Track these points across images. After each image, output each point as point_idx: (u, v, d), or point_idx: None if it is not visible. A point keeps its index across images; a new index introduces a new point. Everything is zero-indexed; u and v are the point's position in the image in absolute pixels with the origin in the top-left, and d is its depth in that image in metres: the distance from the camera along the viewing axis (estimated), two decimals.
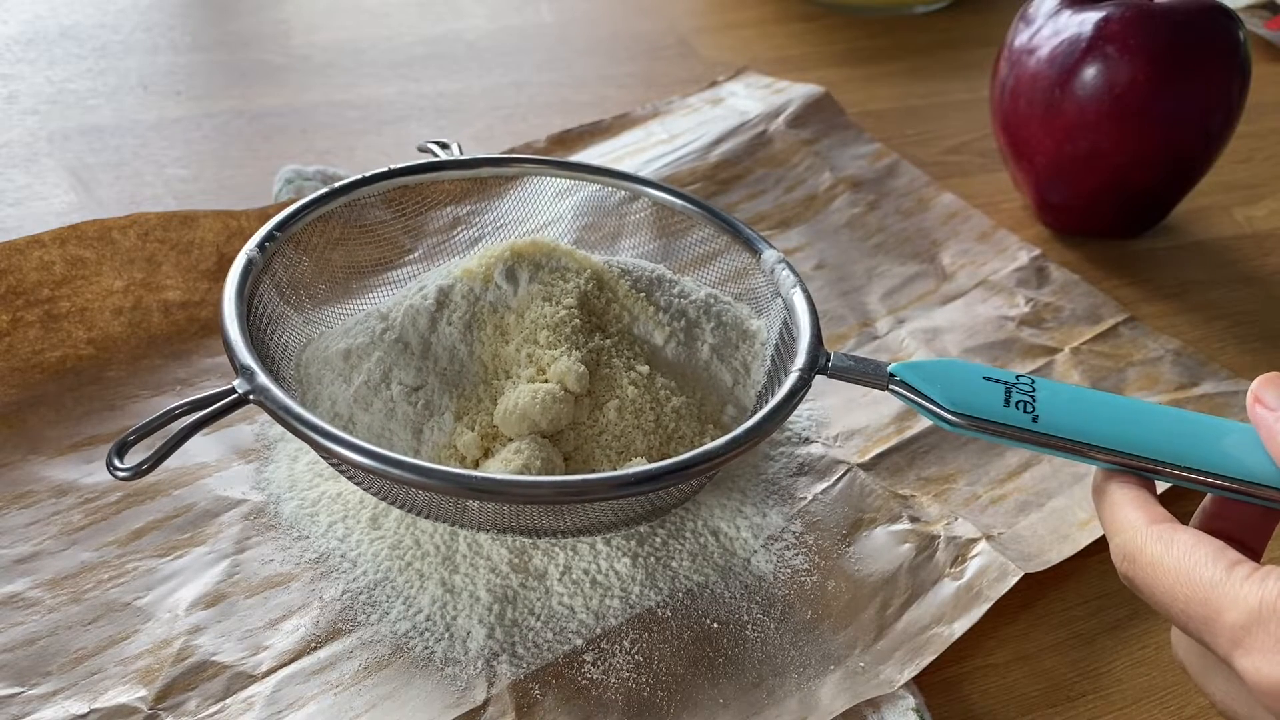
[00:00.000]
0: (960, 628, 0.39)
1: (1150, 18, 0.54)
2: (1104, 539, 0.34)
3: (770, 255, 0.45)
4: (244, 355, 0.37)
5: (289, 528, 0.42)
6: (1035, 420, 0.35)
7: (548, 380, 0.40)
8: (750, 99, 0.68)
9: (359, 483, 0.39)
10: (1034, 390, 0.36)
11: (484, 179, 0.49)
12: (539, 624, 0.39)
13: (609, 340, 0.43)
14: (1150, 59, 0.54)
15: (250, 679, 0.37)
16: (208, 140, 0.64)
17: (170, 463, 0.36)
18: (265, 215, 0.52)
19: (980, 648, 0.41)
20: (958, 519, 0.44)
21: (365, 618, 0.39)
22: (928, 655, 0.39)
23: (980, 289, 0.56)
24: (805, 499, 0.44)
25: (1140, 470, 0.34)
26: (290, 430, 0.35)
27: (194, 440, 0.35)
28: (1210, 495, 0.35)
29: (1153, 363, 0.52)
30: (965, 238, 0.60)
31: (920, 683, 0.39)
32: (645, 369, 0.42)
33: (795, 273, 0.44)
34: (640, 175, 0.50)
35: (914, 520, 0.44)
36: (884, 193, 0.62)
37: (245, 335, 0.38)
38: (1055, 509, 0.45)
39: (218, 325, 0.39)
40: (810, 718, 0.37)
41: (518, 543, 0.41)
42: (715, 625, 0.40)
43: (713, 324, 0.45)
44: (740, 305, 0.47)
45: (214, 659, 0.37)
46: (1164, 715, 0.39)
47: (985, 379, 0.36)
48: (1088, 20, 0.55)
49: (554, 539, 0.41)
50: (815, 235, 0.59)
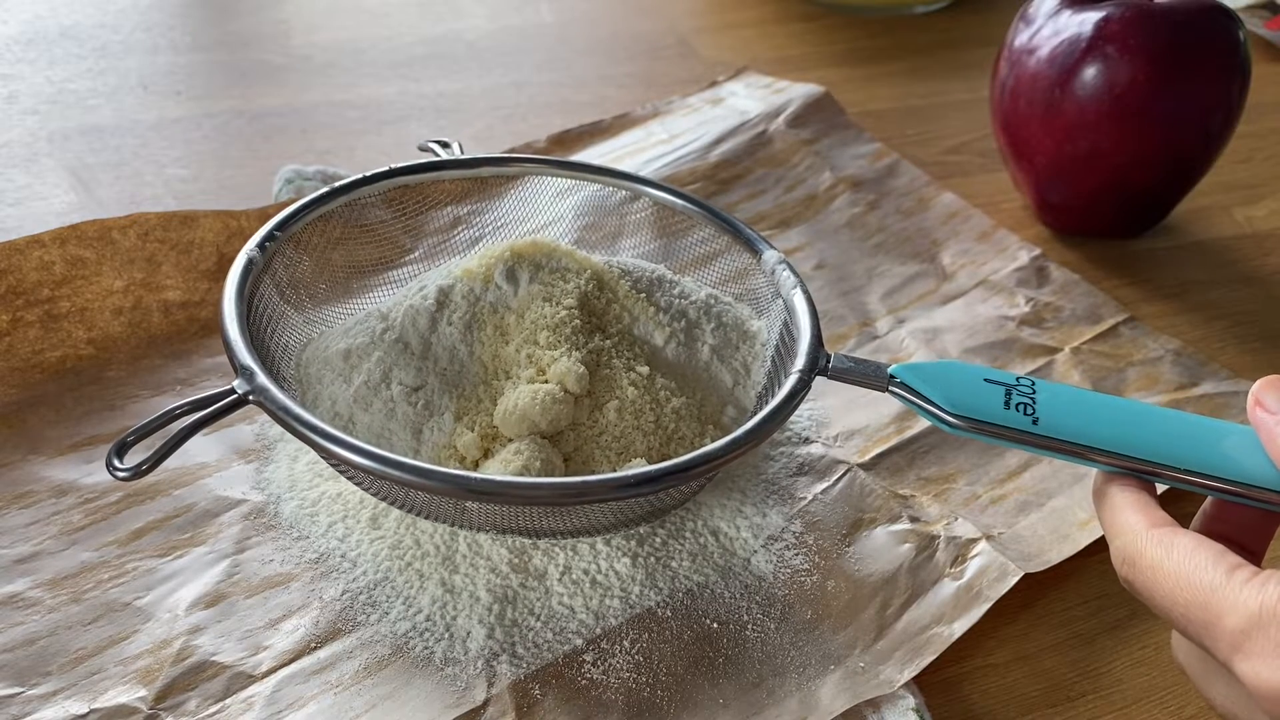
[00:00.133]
0: (960, 628, 0.39)
1: (1150, 18, 0.54)
2: (1104, 539, 0.34)
3: (771, 256, 0.45)
4: (244, 356, 0.37)
5: (289, 528, 0.42)
6: (1035, 422, 0.35)
7: (548, 381, 0.40)
8: (750, 99, 0.68)
9: (358, 483, 0.39)
10: (1034, 392, 0.36)
11: (484, 179, 0.49)
12: (539, 624, 0.39)
13: (609, 341, 0.43)
14: (1150, 59, 0.54)
15: (250, 679, 0.37)
16: (208, 140, 0.64)
17: (170, 463, 0.36)
18: (265, 215, 0.52)
19: (980, 648, 0.41)
20: (958, 519, 0.44)
21: (365, 618, 0.39)
22: (928, 655, 0.39)
23: (980, 289, 0.56)
24: (805, 499, 0.44)
25: (1140, 473, 0.34)
26: (289, 431, 0.35)
27: (194, 440, 0.35)
28: (1210, 498, 0.35)
29: (1153, 363, 0.52)
30: (965, 238, 0.60)
31: (920, 683, 0.38)
32: (645, 370, 0.42)
33: (796, 273, 0.44)
34: (641, 175, 0.50)
35: (914, 520, 0.44)
36: (884, 192, 0.62)
37: (245, 335, 0.38)
38: (1055, 509, 0.45)
39: (218, 325, 0.39)
40: (810, 718, 0.37)
41: (518, 543, 0.41)
42: (715, 625, 0.40)
43: (713, 325, 0.45)
44: (741, 306, 0.47)
45: (214, 659, 0.37)
46: (1164, 715, 0.39)
47: (985, 381, 0.36)
48: (1088, 20, 0.55)
49: (553, 539, 0.41)
50: (815, 235, 0.59)
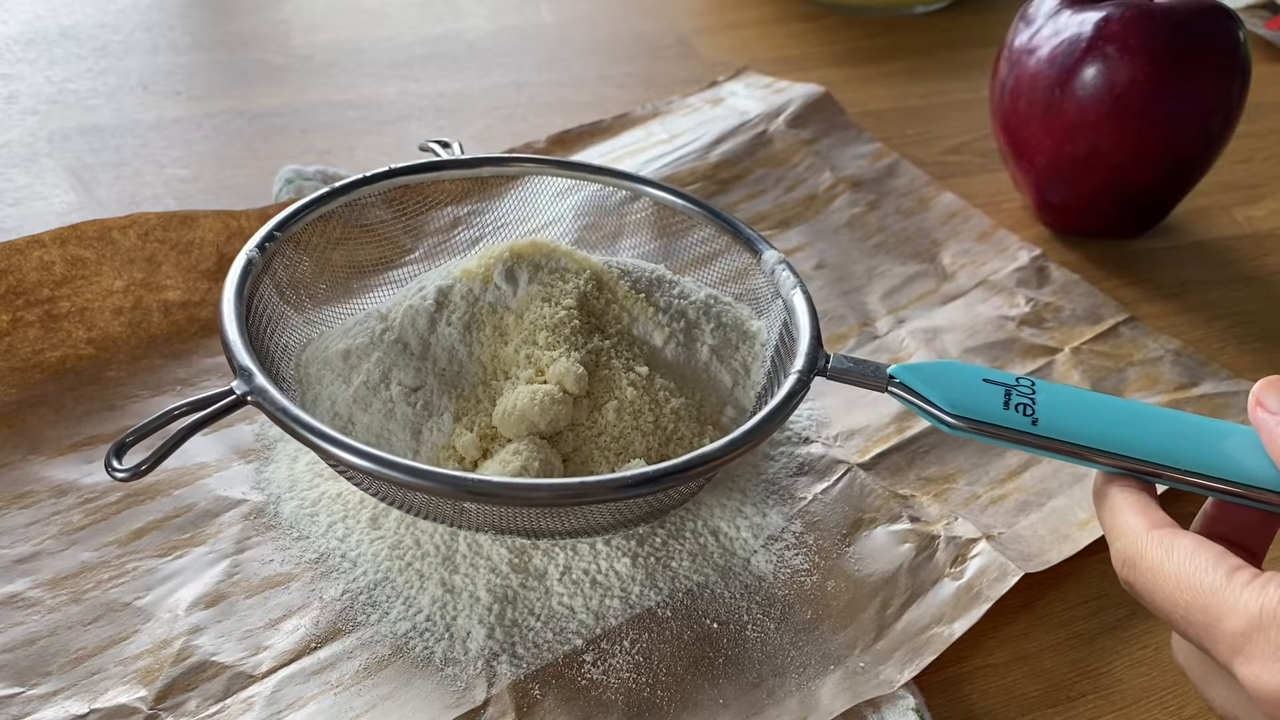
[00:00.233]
0: (960, 628, 0.39)
1: (1150, 18, 0.54)
2: (1104, 539, 0.34)
3: (771, 256, 0.45)
4: (242, 356, 0.37)
5: (289, 528, 0.42)
6: (1035, 423, 0.35)
7: (546, 381, 0.40)
8: (750, 99, 0.68)
9: (357, 483, 0.39)
10: (1034, 393, 0.36)
11: (485, 178, 0.49)
12: (539, 624, 0.39)
13: (608, 341, 0.43)
14: (1150, 59, 0.54)
15: (250, 679, 0.37)
16: (208, 140, 0.64)
17: (170, 463, 0.36)
18: (265, 215, 0.52)
19: (980, 648, 0.41)
20: (958, 519, 0.44)
21: (365, 618, 0.39)
22: (928, 655, 0.39)
23: (980, 289, 0.56)
24: (805, 499, 0.44)
25: (1140, 473, 0.34)
26: (287, 431, 0.35)
27: (194, 440, 0.35)
28: (1211, 499, 0.35)
29: (1153, 363, 0.52)
30: (965, 238, 0.60)
31: (920, 683, 0.38)
32: (644, 370, 0.42)
33: (796, 274, 0.44)
34: (641, 175, 0.50)
35: (914, 520, 0.44)
36: (884, 192, 0.62)
37: (244, 336, 0.38)
38: (1055, 509, 0.45)
39: (217, 325, 0.39)
40: (810, 718, 0.37)
41: (518, 543, 0.41)
42: (715, 625, 0.40)
43: (712, 325, 0.45)
44: (741, 306, 0.47)
45: (214, 659, 0.37)
46: (1164, 715, 0.39)
47: (985, 381, 0.36)
48: (1088, 20, 0.55)
49: (552, 540, 0.41)
50: (815, 235, 0.59)
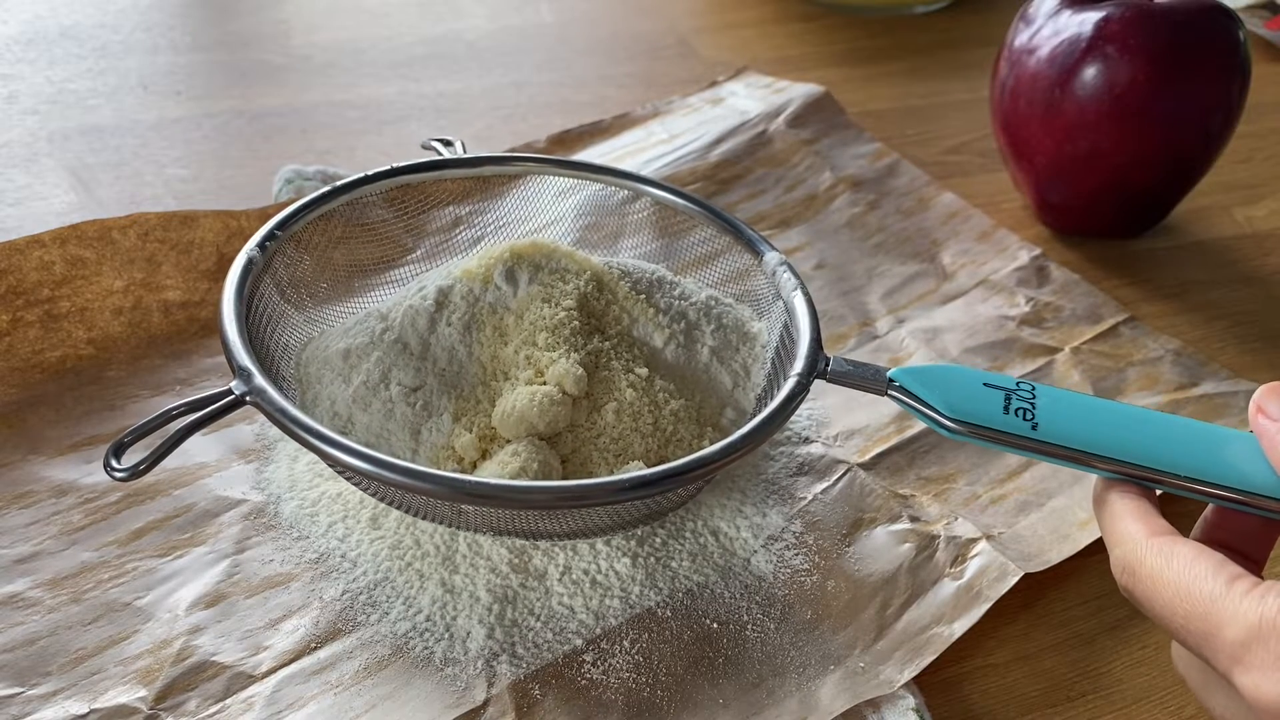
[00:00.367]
0: (960, 628, 0.39)
1: (1150, 18, 0.54)
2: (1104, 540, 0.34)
3: (772, 257, 0.45)
4: (241, 357, 0.37)
5: (289, 528, 0.42)
6: (1035, 428, 0.35)
7: (546, 382, 0.40)
8: (750, 99, 0.68)
9: (356, 484, 0.39)
10: (1034, 397, 0.36)
11: (486, 177, 0.49)
12: (539, 624, 0.39)
13: (608, 342, 0.43)
14: (1150, 59, 0.54)
15: (250, 679, 0.37)
16: (208, 140, 0.64)
17: (170, 463, 0.36)
18: (265, 215, 0.52)
19: (980, 648, 0.41)
20: (958, 519, 0.44)
21: (365, 618, 0.39)
22: (928, 655, 0.39)
23: (980, 289, 0.56)
24: (805, 499, 0.44)
25: (1140, 479, 0.34)
26: (285, 432, 0.35)
27: (194, 440, 0.35)
28: (1211, 505, 0.35)
29: (1153, 363, 0.52)
30: (965, 237, 0.60)
31: (920, 683, 0.38)
32: (644, 371, 0.42)
33: (797, 276, 0.44)
34: (643, 175, 0.50)
35: (914, 520, 0.44)
36: (884, 192, 0.62)
37: (244, 336, 0.38)
38: (1055, 509, 0.45)
39: (217, 325, 0.39)
40: (810, 718, 0.37)
41: (517, 543, 0.41)
42: (715, 625, 0.40)
43: (713, 326, 0.45)
44: (742, 307, 0.47)
45: (214, 659, 0.37)
46: (1164, 715, 0.39)
47: (985, 385, 0.36)
48: (1088, 20, 0.55)
49: (551, 541, 0.41)
50: (815, 235, 0.59)
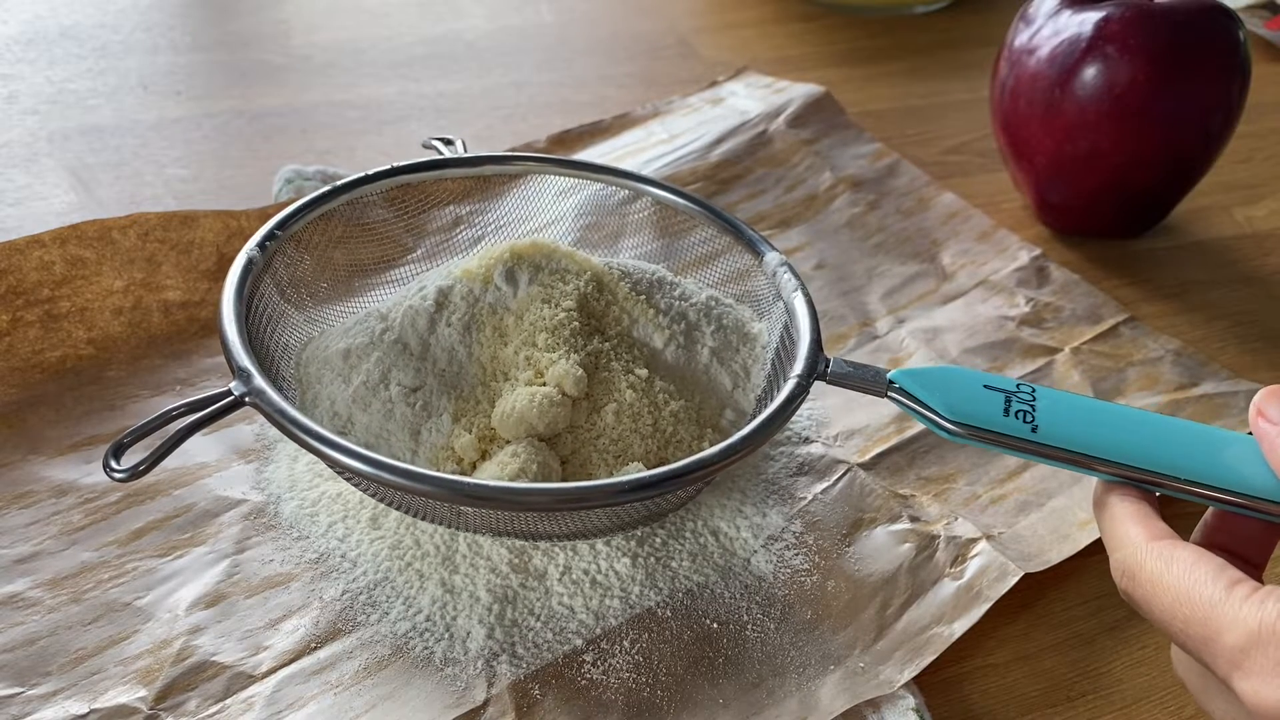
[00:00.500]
0: (960, 628, 0.39)
1: (1150, 18, 0.54)
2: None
3: (773, 258, 0.45)
4: (241, 357, 0.37)
5: (289, 528, 0.42)
6: (1034, 430, 0.35)
7: (545, 383, 0.40)
8: (750, 99, 0.68)
9: (355, 484, 0.39)
10: (1034, 399, 0.36)
11: (487, 177, 0.49)
12: (539, 624, 0.39)
13: (608, 343, 0.42)
14: (1150, 59, 0.54)
15: (250, 679, 0.37)
16: (208, 140, 0.64)
17: (170, 463, 0.36)
18: (265, 215, 0.52)
19: (980, 648, 0.41)
20: (958, 519, 0.44)
21: (365, 618, 0.39)
22: (928, 655, 0.39)
23: (980, 289, 0.56)
24: (805, 499, 0.44)
25: (1140, 482, 0.34)
26: (284, 433, 0.35)
27: (194, 440, 0.35)
28: (1211, 508, 0.34)
29: (1153, 363, 0.52)
30: (965, 238, 0.60)
31: (920, 683, 0.38)
32: (644, 373, 0.42)
33: (798, 277, 0.44)
34: (644, 175, 0.50)
35: (914, 520, 0.44)
36: (884, 192, 0.62)
37: (243, 336, 0.38)
38: (1055, 509, 0.45)
39: (217, 325, 0.39)
40: (810, 718, 0.37)
41: (517, 543, 0.41)
42: (715, 625, 0.40)
43: (713, 327, 0.45)
44: (742, 308, 0.47)
45: (214, 659, 0.37)
46: (1164, 715, 0.39)
47: (985, 387, 0.36)
48: (1088, 20, 0.55)
49: (550, 542, 0.41)
50: (815, 235, 0.59)
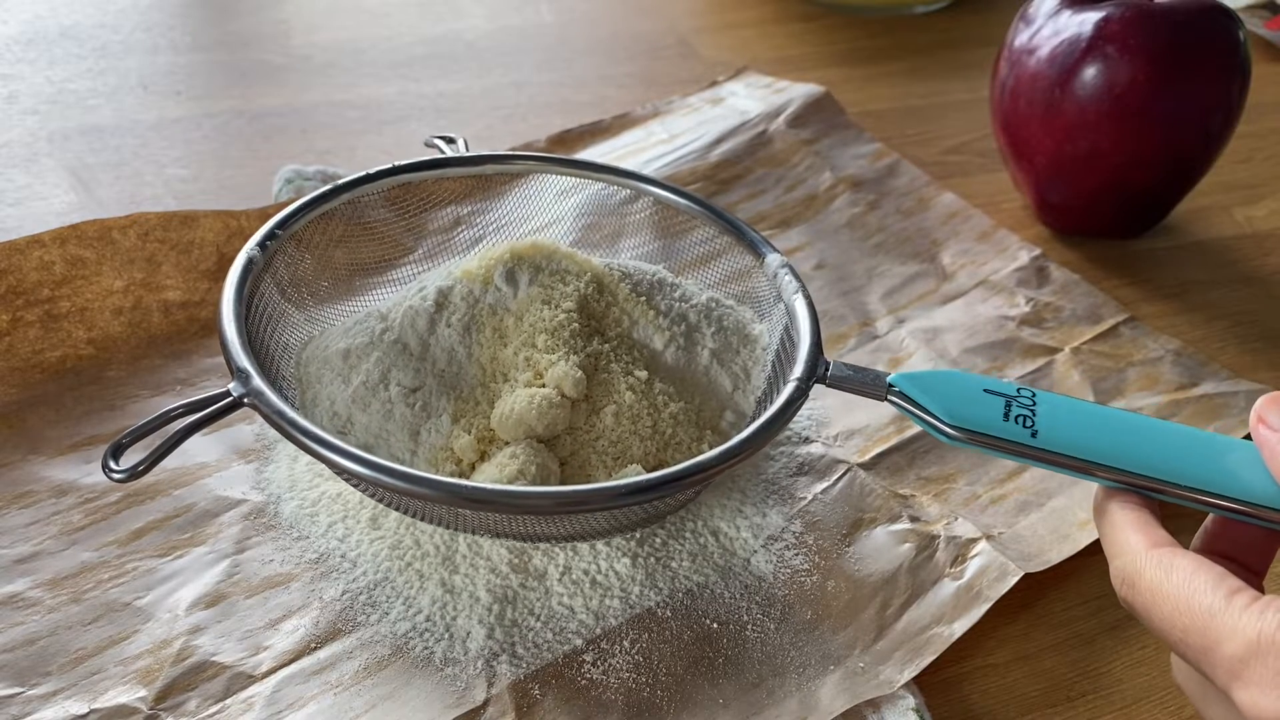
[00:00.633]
0: (960, 628, 0.39)
1: (1150, 18, 0.54)
2: None
3: (774, 260, 0.45)
4: (240, 358, 0.37)
5: (289, 528, 0.42)
6: (1034, 435, 0.35)
7: (545, 385, 0.40)
8: (750, 99, 0.68)
9: (355, 486, 0.39)
10: (1034, 404, 0.36)
11: (488, 176, 0.49)
12: (539, 624, 0.39)
13: (608, 345, 0.42)
14: (1150, 59, 0.54)
15: (250, 679, 0.37)
16: (208, 140, 0.64)
17: (170, 463, 0.36)
18: (265, 215, 0.52)
19: (980, 648, 0.41)
20: (958, 519, 0.44)
21: (365, 618, 0.39)
22: (928, 655, 0.39)
23: (980, 289, 0.56)
24: (805, 499, 0.44)
25: (1141, 488, 0.34)
26: (283, 435, 0.35)
27: (194, 440, 0.35)
28: (1212, 515, 0.34)
29: (1153, 363, 0.52)
30: (965, 237, 0.60)
31: (920, 683, 0.38)
32: (644, 374, 0.42)
33: (799, 279, 0.44)
34: (646, 174, 0.50)
35: (914, 520, 0.44)
36: (884, 192, 0.62)
37: (243, 337, 0.38)
38: (1055, 509, 0.45)
39: (217, 326, 0.39)
40: (810, 718, 0.37)
41: (517, 543, 0.41)
42: (715, 625, 0.40)
43: (713, 328, 0.45)
44: (743, 309, 0.47)
45: (214, 659, 0.37)
46: (1164, 715, 0.39)
47: (985, 391, 0.36)
48: (1088, 20, 0.55)
49: (548, 544, 0.41)
50: (815, 235, 0.59)
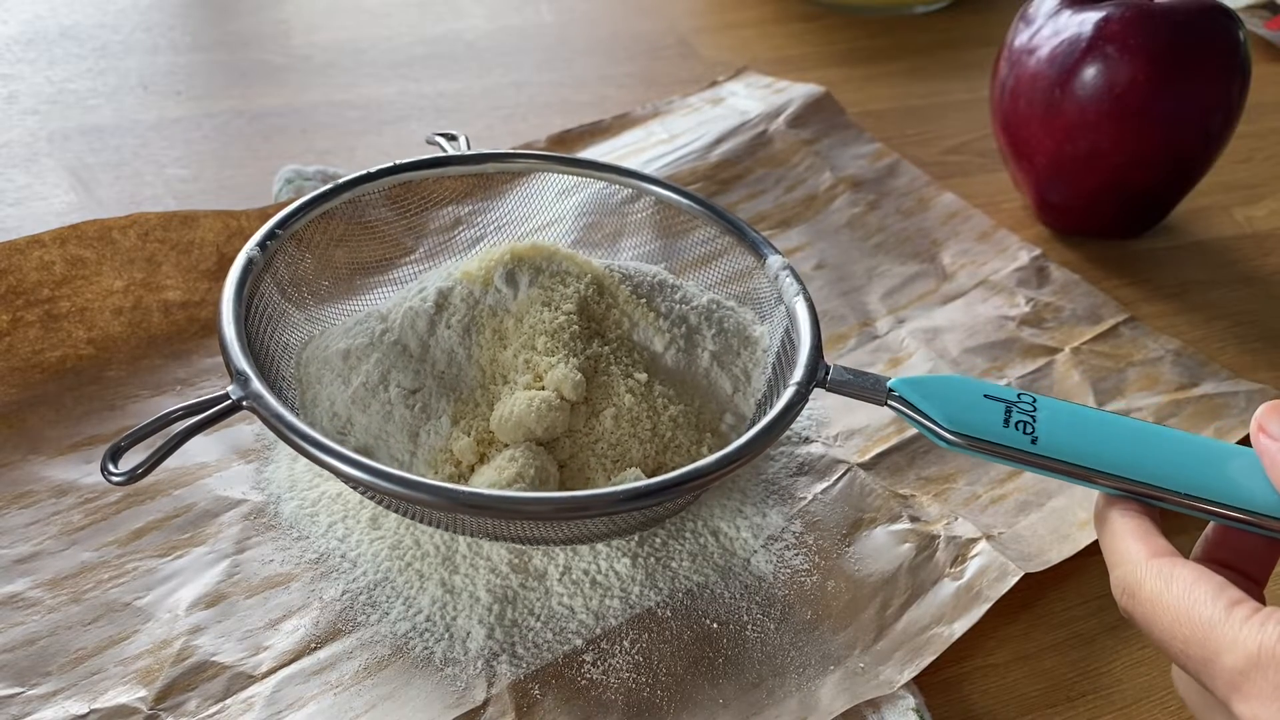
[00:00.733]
0: (960, 628, 0.39)
1: (1150, 18, 0.54)
2: None
3: (775, 261, 0.45)
4: (239, 360, 0.37)
5: (289, 528, 0.42)
6: (1034, 442, 0.35)
7: (544, 387, 0.40)
8: (750, 99, 0.68)
9: (354, 488, 0.39)
10: (1034, 410, 0.36)
11: (489, 175, 0.49)
12: (539, 624, 0.39)
13: (608, 347, 0.42)
14: (1150, 59, 0.54)
15: (250, 679, 0.37)
16: (208, 140, 0.64)
17: (170, 463, 0.36)
18: (265, 215, 0.52)
19: (980, 648, 0.41)
20: (958, 519, 0.44)
21: (365, 618, 0.39)
22: (928, 655, 0.39)
23: (980, 289, 0.56)
24: (805, 499, 0.44)
25: (1142, 496, 0.34)
26: (281, 438, 0.35)
27: (194, 440, 0.35)
28: (1213, 523, 0.34)
29: (1153, 363, 0.52)
30: (965, 238, 0.60)
31: (920, 683, 0.38)
32: (643, 377, 0.42)
33: (800, 281, 0.43)
34: (648, 174, 0.50)
35: (914, 520, 0.44)
36: (884, 192, 0.62)
37: (242, 339, 0.38)
38: (1055, 509, 0.45)
39: (216, 327, 0.39)
40: (810, 718, 0.37)
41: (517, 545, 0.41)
42: (715, 625, 0.40)
43: (714, 330, 0.45)
44: (743, 311, 0.47)
45: (214, 659, 0.37)
46: (1164, 715, 0.39)
47: (985, 397, 0.36)
48: (1088, 20, 0.55)
49: (547, 546, 0.41)
50: (815, 235, 0.59)
